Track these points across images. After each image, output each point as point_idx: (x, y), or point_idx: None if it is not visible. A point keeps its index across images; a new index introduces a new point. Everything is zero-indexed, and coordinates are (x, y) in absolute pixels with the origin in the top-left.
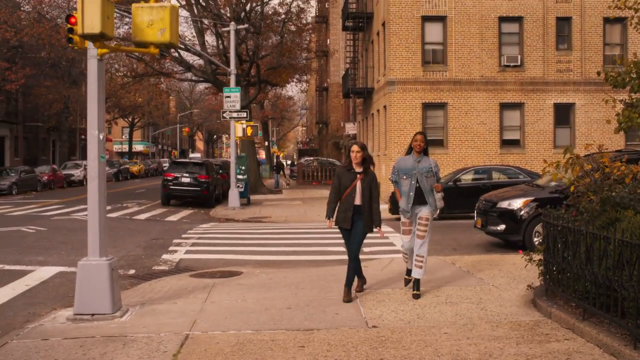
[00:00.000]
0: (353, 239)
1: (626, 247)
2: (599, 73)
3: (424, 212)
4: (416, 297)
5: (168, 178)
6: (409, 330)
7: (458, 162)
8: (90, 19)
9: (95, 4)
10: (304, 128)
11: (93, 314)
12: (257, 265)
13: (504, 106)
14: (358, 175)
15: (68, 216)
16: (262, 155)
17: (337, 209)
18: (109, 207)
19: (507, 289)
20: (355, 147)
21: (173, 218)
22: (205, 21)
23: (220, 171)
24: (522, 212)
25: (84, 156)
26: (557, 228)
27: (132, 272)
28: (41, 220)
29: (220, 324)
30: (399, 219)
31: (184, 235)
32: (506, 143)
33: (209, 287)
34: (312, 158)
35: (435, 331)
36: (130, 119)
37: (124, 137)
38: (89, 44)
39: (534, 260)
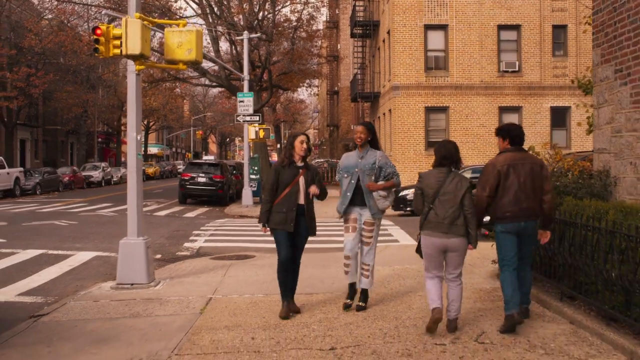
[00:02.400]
0: (299, 245)
1: (561, 224)
2: (572, 81)
3: (367, 215)
4: (360, 309)
5: (185, 178)
6: (390, 294)
7: None
8: (132, 42)
9: (137, 30)
10: (315, 130)
11: (132, 284)
12: (268, 251)
13: (503, 109)
14: (301, 170)
15: (94, 212)
16: (275, 157)
17: (273, 209)
18: None
19: (480, 267)
20: (303, 137)
21: (190, 214)
22: (220, 29)
23: (234, 172)
24: None
25: (101, 158)
26: None
27: (158, 256)
28: (70, 216)
29: (238, 290)
30: (401, 215)
31: (202, 228)
32: None
33: (227, 266)
34: (322, 160)
35: (412, 294)
36: (145, 122)
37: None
38: (129, 62)
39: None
